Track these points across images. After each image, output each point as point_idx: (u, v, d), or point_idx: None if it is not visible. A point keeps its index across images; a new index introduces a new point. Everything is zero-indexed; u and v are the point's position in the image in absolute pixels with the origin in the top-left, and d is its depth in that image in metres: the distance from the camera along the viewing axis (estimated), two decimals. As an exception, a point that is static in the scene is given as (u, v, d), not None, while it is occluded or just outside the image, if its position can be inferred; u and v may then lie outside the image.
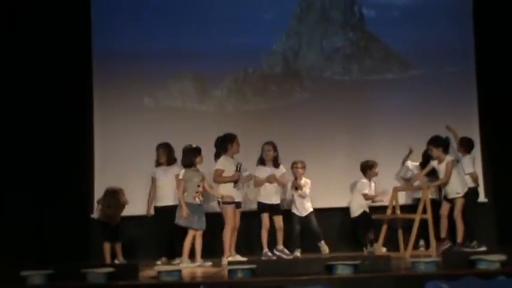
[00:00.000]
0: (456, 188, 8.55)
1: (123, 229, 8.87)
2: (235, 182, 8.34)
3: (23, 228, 8.74)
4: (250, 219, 8.93)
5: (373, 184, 9.24)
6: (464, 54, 9.83)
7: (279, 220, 8.69)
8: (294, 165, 9.03)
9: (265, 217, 8.65)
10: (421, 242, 8.79)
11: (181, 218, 8.04)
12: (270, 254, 8.59)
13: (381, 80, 10.00)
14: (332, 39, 10.16)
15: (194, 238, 8.07)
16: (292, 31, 10.14)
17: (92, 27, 9.93)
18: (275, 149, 8.72)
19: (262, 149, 8.74)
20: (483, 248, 8.24)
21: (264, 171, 8.71)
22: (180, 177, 8.16)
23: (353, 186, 9.35)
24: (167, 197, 8.78)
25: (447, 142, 8.69)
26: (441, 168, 8.58)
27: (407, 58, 9.97)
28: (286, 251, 8.66)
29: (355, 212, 9.13)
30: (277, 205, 8.74)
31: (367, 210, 9.12)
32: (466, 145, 8.90)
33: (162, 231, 8.74)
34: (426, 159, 8.94)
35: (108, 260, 8.63)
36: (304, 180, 9.01)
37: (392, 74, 10.02)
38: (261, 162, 8.76)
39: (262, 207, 8.70)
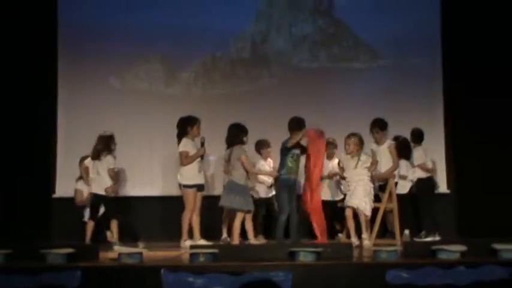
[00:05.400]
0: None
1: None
2: (202, 157, 8.29)
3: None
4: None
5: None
6: (432, 45, 9.93)
7: None
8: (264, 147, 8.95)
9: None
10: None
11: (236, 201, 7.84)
12: (228, 239, 8.56)
13: (349, 68, 10.02)
14: (301, 25, 10.14)
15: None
16: (261, 15, 10.10)
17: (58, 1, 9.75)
18: None
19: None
20: (430, 238, 8.32)
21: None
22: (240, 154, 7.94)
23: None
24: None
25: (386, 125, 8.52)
26: (381, 151, 8.46)
27: (376, 47, 10.01)
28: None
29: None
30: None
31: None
32: (417, 136, 8.94)
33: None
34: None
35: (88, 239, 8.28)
36: (268, 160, 8.96)
37: (360, 63, 10.05)
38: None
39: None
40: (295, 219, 8.06)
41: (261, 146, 8.99)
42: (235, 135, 8.07)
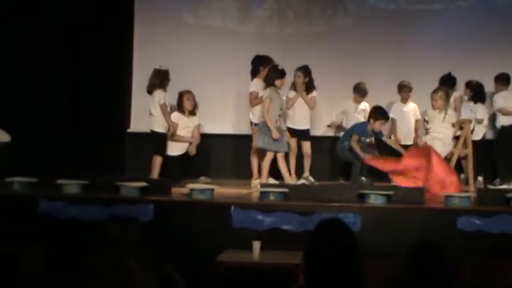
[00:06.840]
0: None
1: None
2: None
3: (60, 138, 8.89)
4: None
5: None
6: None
7: (307, 146, 8.54)
8: None
9: (293, 142, 8.49)
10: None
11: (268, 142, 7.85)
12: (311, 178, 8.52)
13: (427, 10, 9.68)
14: (380, -35, 9.82)
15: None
16: (339, -47, 9.84)
17: None
18: (306, 74, 8.47)
19: (294, 75, 8.51)
20: (505, 186, 8.08)
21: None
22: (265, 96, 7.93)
23: None
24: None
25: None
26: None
27: (457, -13, 9.64)
28: (311, 179, 8.51)
29: None
30: (307, 130, 8.61)
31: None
32: (500, 80, 8.63)
33: None
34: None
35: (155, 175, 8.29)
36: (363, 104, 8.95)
37: (439, 4, 9.66)
38: (293, 87, 8.57)
39: (291, 132, 8.51)
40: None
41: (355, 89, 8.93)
42: (269, 76, 8.00)
